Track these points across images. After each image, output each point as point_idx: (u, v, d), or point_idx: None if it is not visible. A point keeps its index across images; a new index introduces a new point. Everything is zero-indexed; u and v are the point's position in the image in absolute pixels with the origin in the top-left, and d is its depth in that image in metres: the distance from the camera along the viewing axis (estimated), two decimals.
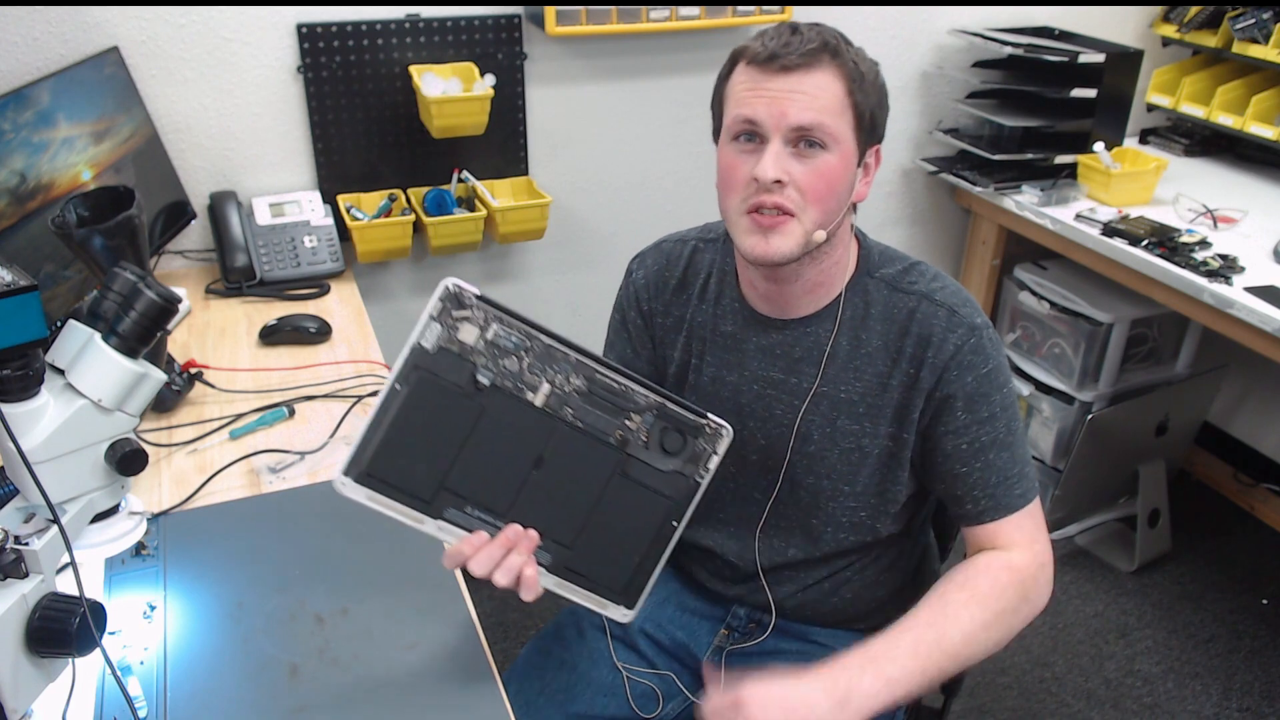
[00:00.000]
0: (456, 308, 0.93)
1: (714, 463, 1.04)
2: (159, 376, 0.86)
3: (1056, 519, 2.45)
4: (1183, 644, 2.22)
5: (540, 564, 0.98)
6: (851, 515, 1.18)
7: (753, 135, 1.04)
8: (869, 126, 1.07)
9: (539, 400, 0.97)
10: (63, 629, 0.79)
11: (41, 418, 0.79)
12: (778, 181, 1.02)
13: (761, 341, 1.18)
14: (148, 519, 1.06)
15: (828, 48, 1.02)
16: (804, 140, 1.03)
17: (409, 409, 0.93)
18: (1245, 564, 2.47)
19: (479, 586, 1.00)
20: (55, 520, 0.79)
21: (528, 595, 0.97)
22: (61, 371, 0.81)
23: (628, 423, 1.00)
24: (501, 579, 0.95)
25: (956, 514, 1.15)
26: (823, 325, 1.15)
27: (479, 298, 0.94)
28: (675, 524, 1.04)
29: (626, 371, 1.00)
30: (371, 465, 0.93)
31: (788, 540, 1.22)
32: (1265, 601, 2.35)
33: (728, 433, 1.04)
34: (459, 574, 1.12)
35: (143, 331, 0.83)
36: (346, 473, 0.93)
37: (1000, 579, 1.07)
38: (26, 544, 0.79)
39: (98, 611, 0.81)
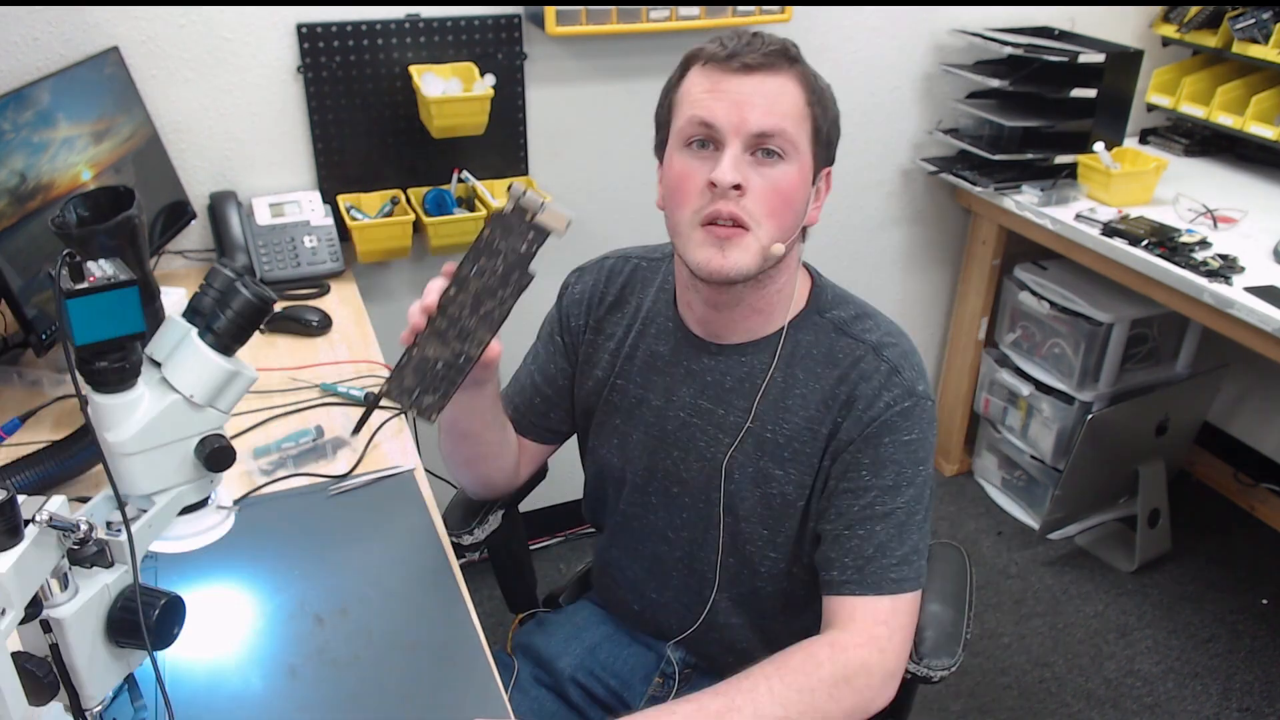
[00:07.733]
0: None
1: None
2: (251, 375, 0.86)
3: (1056, 519, 2.44)
4: (1183, 644, 2.22)
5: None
6: (772, 565, 1.13)
7: (707, 141, 0.99)
8: (825, 143, 1.03)
9: None
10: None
11: (136, 409, 0.79)
12: (736, 187, 0.96)
13: (693, 366, 1.13)
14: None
15: (788, 54, 1.00)
16: (762, 149, 0.98)
17: None
18: (1245, 564, 2.47)
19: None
20: (120, 510, 0.79)
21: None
22: (158, 365, 0.81)
23: None
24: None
25: (823, 579, 1.05)
26: (759, 356, 1.09)
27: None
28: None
29: None
30: None
31: (713, 589, 1.16)
32: (1265, 601, 2.35)
33: None
34: (459, 574, 1.12)
35: (237, 330, 0.83)
36: None
37: (816, 655, 0.97)
38: (118, 534, 0.79)
39: (177, 605, 0.82)
